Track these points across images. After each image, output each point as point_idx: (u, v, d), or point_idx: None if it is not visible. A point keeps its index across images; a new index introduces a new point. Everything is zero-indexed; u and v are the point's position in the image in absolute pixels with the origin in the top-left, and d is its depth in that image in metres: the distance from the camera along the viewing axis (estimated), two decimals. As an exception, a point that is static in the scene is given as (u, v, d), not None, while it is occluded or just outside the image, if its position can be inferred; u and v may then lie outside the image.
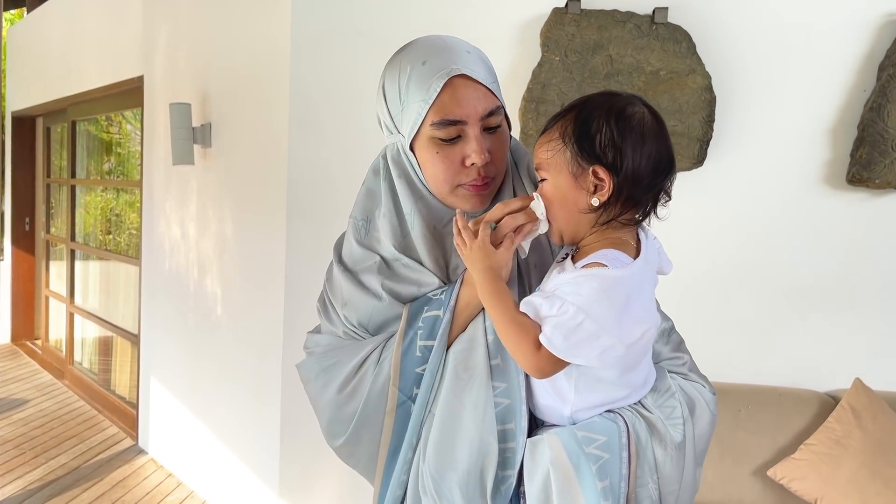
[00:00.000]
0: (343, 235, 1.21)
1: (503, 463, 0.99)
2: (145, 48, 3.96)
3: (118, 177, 5.44)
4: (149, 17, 3.93)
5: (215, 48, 3.30)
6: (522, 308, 0.95)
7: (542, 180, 1.00)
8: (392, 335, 1.08)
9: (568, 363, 0.95)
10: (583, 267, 0.95)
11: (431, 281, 1.08)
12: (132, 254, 4.82)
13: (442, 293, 1.06)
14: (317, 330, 1.21)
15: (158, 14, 3.82)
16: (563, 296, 0.92)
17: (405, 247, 1.10)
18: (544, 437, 0.98)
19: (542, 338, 0.92)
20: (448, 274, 1.10)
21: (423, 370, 1.03)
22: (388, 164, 1.12)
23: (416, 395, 1.04)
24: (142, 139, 4.08)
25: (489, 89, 1.04)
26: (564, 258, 1.02)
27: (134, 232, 4.86)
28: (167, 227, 3.82)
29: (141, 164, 4.12)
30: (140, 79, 4.00)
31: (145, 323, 4.10)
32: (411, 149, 1.07)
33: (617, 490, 0.94)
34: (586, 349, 0.91)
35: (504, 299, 0.97)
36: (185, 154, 3.28)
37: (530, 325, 0.94)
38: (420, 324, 1.04)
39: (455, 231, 1.03)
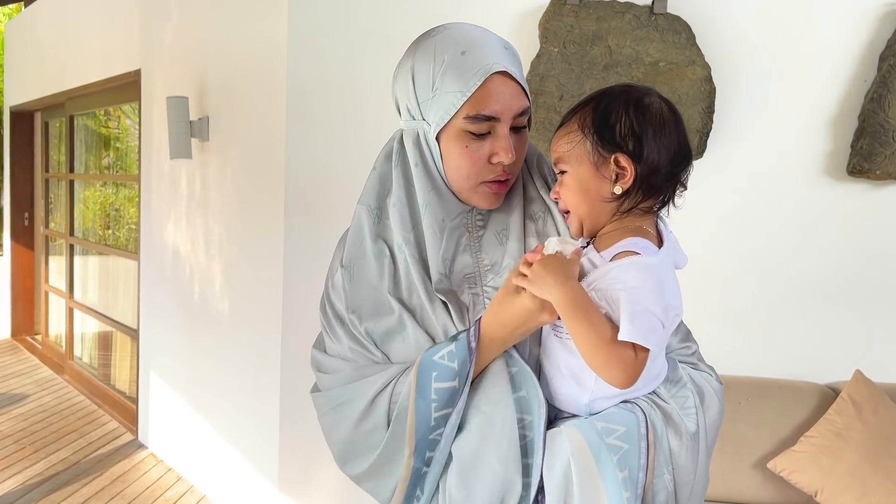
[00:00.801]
0: (346, 233, 1.17)
1: (524, 497, 0.96)
2: (142, 42, 3.95)
3: (117, 171, 5.42)
4: (145, 10, 3.91)
5: (212, 41, 3.28)
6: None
7: (562, 172, 1.01)
8: (399, 374, 1.04)
9: (647, 355, 0.91)
10: (616, 255, 0.95)
11: (421, 290, 1.05)
12: (131, 249, 4.81)
13: (447, 356, 1.00)
14: (321, 345, 1.17)
15: (155, 7, 3.80)
16: (608, 285, 0.92)
17: (412, 239, 1.07)
18: (563, 430, 0.97)
19: (620, 335, 0.88)
20: (451, 270, 1.08)
21: (439, 435, 1.00)
22: (403, 149, 1.09)
23: (431, 458, 1.01)
24: (139, 133, 4.07)
25: (523, 89, 1.04)
26: (585, 246, 1.01)
27: (133, 227, 4.85)
28: (165, 221, 3.81)
29: (139, 159, 4.11)
30: (137, 72, 3.98)
31: (144, 318, 4.10)
32: (436, 138, 1.04)
33: (636, 480, 0.94)
34: (650, 331, 0.90)
35: (589, 307, 0.91)
36: (183, 148, 3.27)
37: (622, 343, 0.90)
38: (434, 396, 0.99)
39: (516, 273, 0.98)
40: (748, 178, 2.65)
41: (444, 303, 1.06)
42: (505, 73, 1.01)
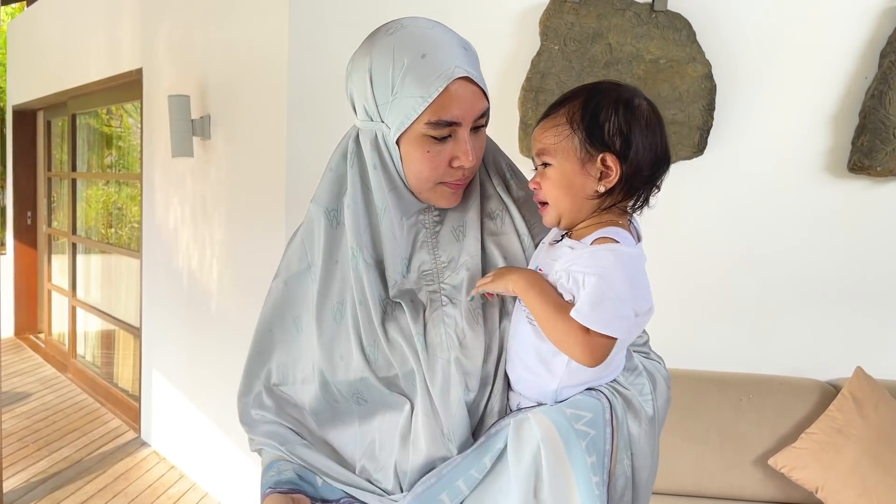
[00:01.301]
0: (296, 233, 1.16)
1: None
2: (144, 40, 3.95)
3: (119, 170, 5.44)
4: (147, 9, 3.92)
5: (214, 40, 3.29)
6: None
7: (546, 165, 1.01)
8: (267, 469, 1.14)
9: (614, 341, 0.95)
10: (595, 240, 0.97)
11: (372, 302, 1.06)
12: (134, 247, 4.82)
13: None
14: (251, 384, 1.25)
15: (156, 6, 3.81)
16: (582, 268, 0.94)
17: (367, 241, 1.06)
18: (530, 417, 0.98)
19: (572, 312, 0.92)
20: (408, 268, 1.08)
21: None
22: (359, 149, 1.08)
23: None
24: (141, 132, 4.08)
25: (483, 91, 1.03)
26: (560, 240, 1.03)
27: (135, 225, 4.86)
28: (167, 219, 3.82)
29: (141, 157, 4.12)
30: (139, 71, 3.99)
31: (147, 316, 4.11)
32: (396, 142, 1.03)
33: (602, 465, 0.96)
34: (613, 318, 0.92)
35: (547, 289, 0.97)
36: (185, 146, 3.27)
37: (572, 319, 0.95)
38: None
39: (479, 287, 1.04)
40: (749, 175, 2.65)
41: (399, 304, 1.06)
42: (466, 77, 0.99)
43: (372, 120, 1.04)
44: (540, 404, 1.02)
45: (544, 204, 1.03)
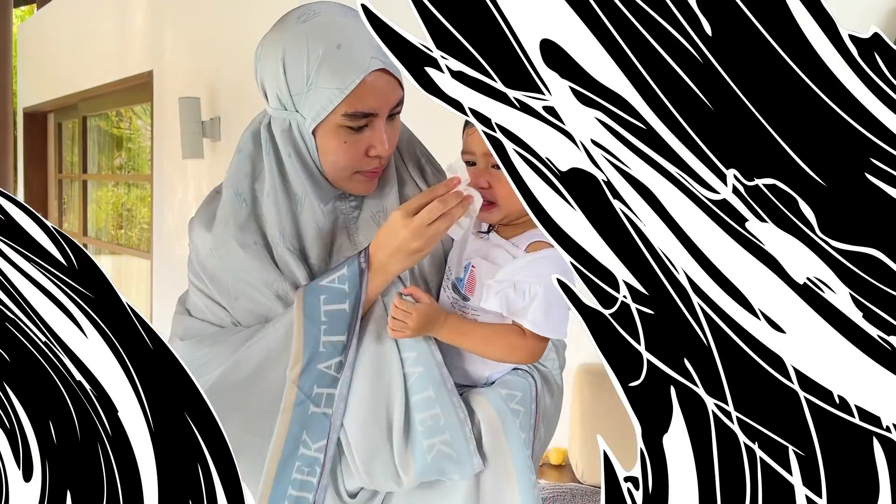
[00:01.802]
0: (216, 194, 1.12)
1: (432, 429, 0.97)
2: (154, 43, 3.99)
3: (129, 172, 5.48)
4: (157, 11, 3.95)
5: (223, 42, 3.31)
6: (494, 301, 0.98)
7: (498, 166, 1.02)
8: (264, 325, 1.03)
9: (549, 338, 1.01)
10: (531, 245, 1.01)
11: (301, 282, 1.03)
12: (144, 248, 4.86)
13: (337, 279, 1.00)
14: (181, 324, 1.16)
15: (166, 8, 3.84)
16: (528, 279, 0.98)
17: (289, 230, 1.05)
18: (469, 399, 1.02)
19: (529, 326, 0.96)
20: (330, 254, 1.07)
21: (329, 368, 0.98)
22: (273, 138, 1.06)
23: (316, 394, 0.98)
24: (151, 134, 4.11)
25: (398, 80, 1.02)
26: (486, 231, 1.06)
27: (145, 226, 4.90)
28: (177, 221, 3.84)
29: (151, 159, 4.15)
30: (149, 73, 4.02)
31: (157, 317, 4.14)
32: (312, 132, 1.01)
33: (530, 439, 1.02)
34: (559, 323, 0.98)
35: (470, 329, 1.02)
36: (195, 148, 3.30)
37: (504, 326, 1.00)
38: (323, 318, 0.98)
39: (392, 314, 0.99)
40: (755, 174, 2.66)
41: None
42: (381, 68, 0.98)
43: (286, 109, 1.03)
44: (467, 387, 1.06)
45: (490, 203, 1.03)
